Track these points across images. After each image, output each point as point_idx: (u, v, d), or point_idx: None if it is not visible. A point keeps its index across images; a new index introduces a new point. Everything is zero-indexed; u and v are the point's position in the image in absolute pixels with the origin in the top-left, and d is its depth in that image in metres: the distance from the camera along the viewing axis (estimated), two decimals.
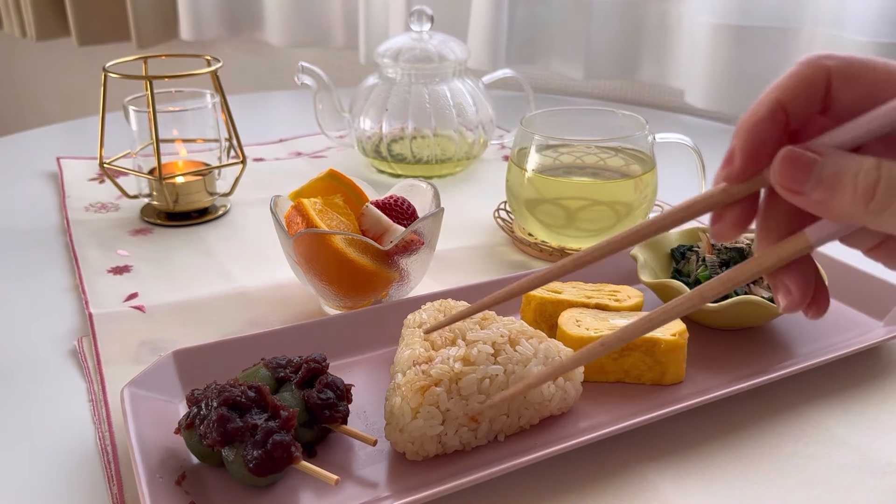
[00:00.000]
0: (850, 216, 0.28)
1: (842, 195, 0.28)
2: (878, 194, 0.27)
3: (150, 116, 0.73)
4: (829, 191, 0.28)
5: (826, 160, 0.29)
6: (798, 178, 0.29)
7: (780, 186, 0.29)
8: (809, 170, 0.29)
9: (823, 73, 0.30)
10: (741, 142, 0.31)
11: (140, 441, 0.43)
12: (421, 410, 0.43)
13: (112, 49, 1.61)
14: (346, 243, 0.54)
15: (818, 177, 0.28)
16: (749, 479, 0.44)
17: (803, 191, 0.29)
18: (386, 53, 0.88)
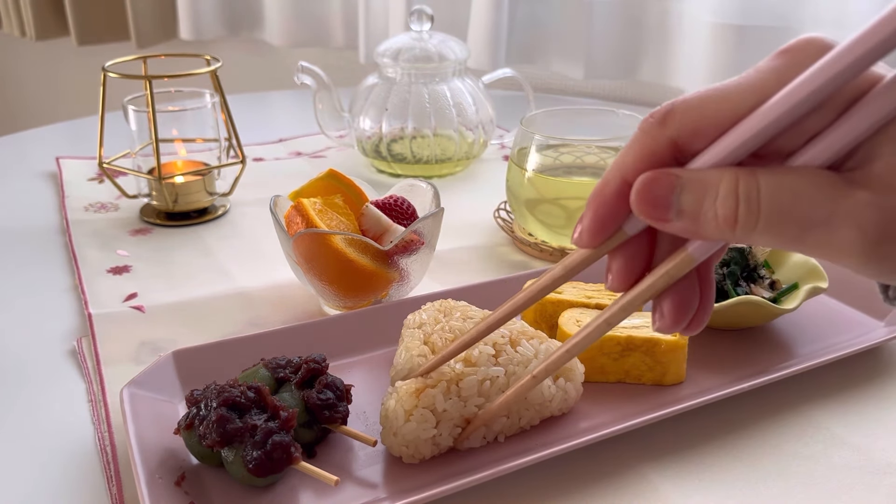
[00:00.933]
0: (720, 237, 0.27)
1: (705, 222, 0.27)
2: (741, 218, 0.26)
3: (150, 116, 0.73)
4: (692, 219, 0.27)
5: (683, 188, 0.28)
6: (659, 210, 0.28)
7: (642, 216, 0.29)
8: (668, 200, 0.28)
9: (664, 142, 0.29)
10: (589, 218, 0.31)
11: (139, 441, 0.43)
12: (414, 413, 0.43)
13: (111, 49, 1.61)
14: (346, 243, 0.54)
15: (678, 207, 0.28)
16: (749, 479, 0.44)
17: (668, 220, 0.28)
18: (386, 53, 0.88)
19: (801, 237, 0.26)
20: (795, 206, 0.26)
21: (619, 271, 0.32)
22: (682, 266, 0.30)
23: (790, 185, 0.26)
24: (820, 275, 0.57)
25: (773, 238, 0.26)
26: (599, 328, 0.34)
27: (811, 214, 0.25)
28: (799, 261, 0.59)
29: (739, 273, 0.57)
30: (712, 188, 0.27)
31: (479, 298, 0.56)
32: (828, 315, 0.59)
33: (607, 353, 0.50)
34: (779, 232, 0.26)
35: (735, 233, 0.27)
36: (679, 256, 0.30)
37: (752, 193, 0.26)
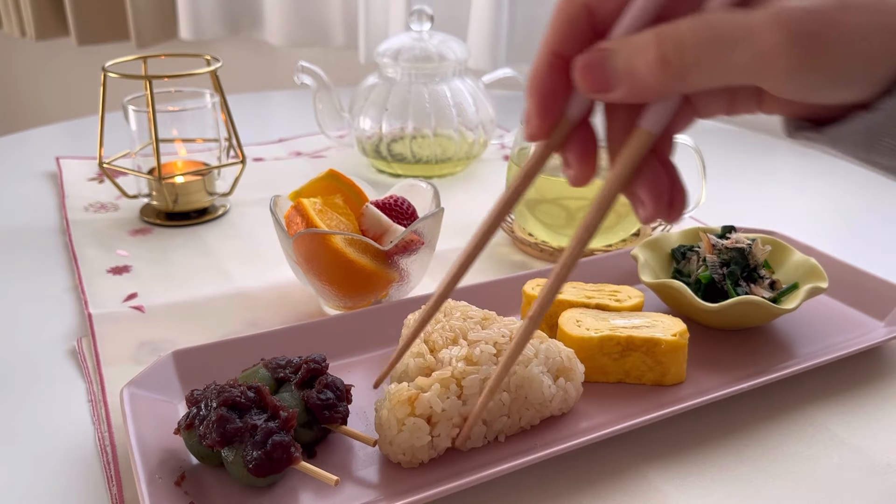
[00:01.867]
0: (661, 89, 0.29)
1: (641, 75, 0.29)
2: (672, 58, 0.28)
3: (150, 116, 0.73)
4: (630, 78, 0.29)
5: (613, 52, 0.29)
6: (599, 80, 0.30)
7: (590, 93, 0.30)
8: (604, 68, 0.30)
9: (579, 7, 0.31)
10: (531, 103, 0.32)
11: (139, 441, 0.43)
12: (407, 422, 0.42)
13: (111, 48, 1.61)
14: (346, 243, 0.54)
15: (615, 71, 0.29)
16: (750, 479, 0.44)
17: (610, 88, 0.30)
18: (386, 53, 0.88)
19: (729, 59, 0.27)
20: (716, 31, 0.27)
21: (575, 161, 0.33)
22: (641, 143, 0.31)
23: (707, 19, 0.28)
24: (820, 275, 0.57)
25: (704, 70, 0.28)
26: (580, 238, 0.34)
27: (731, 33, 0.27)
28: (799, 261, 0.59)
29: (739, 273, 0.57)
30: (639, 43, 0.29)
31: (479, 298, 0.56)
32: (828, 315, 0.59)
33: (607, 353, 0.50)
34: (708, 61, 0.28)
35: (671, 78, 0.28)
36: (635, 136, 0.31)
37: (676, 34, 0.28)
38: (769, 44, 0.27)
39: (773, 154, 1.01)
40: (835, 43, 0.27)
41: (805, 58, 0.27)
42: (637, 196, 0.32)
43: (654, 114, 0.31)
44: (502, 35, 1.16)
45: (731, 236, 0.60)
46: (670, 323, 0.51)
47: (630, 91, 0.29)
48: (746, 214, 0.80)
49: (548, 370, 0.47)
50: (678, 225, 0.75)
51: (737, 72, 0.28)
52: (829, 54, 0.27)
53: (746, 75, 0.28)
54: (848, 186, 0.91)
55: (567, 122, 0.32)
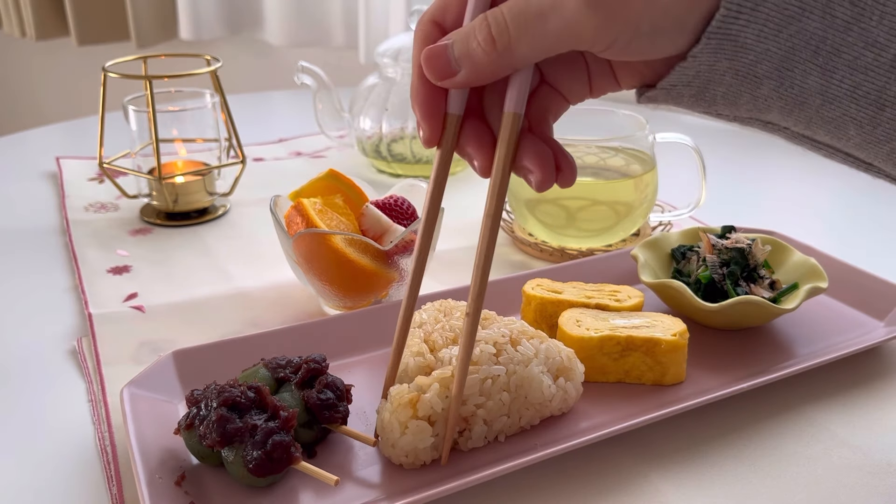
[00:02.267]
0: (497, 67, 0.33)
1: (478, 58, 0.33)
2: (496, 35, 0.32)
3: (150, 116, 0.73)
4: (468, 60, 0.33)
5: (452, 39, 0.34)
6: (443, 65, 0.34)
7: (436, 80, 0.34)
8: (445, 53, 0.34)
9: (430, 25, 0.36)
10: (417, 113, 0.37)
11: (140, 441, 0.43)
12: (410, 425, 0.42)
13: (111, 49, 1.61)
14: (346, 243, 0.54)
15: (455, 57, 0.34)
16: (750, 479, 0.44)
17: (454, 72, 0.34)
18: (386, 53, 0.88)
19: (545, 29, 0.31)
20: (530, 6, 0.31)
21: (476, 153, 0.37)
22: (511, 124, 0.36)
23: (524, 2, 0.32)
24: (820, 275, 0.57)
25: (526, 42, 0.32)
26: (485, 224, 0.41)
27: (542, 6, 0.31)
28: (799, 261, 0.59)
29: (739, 273, 0.57)
30: (471, 28, 0.33)
31: None
32: (828, 315, 0.59)
33: (607, 353, 0.50)
34: (528, 34, 0.31)
35: (501, 55, 0.32)
36: (504, 119, 0.36)
37: (498, 15, 0.32)
38: (572, 9, 0.30)
39: (773, 154, 1.01)
40: None
41: (603, 16, 0.30)
42: (523, 168, 0.37)
43: (512, 95, 0.35)
44: None
45: (731, 236, 0.60)
46: (670, 323, 0.51)
47: (471, 72, 0.34)
48: (746, 214, 0.80)
49: (548, 370, 0.47)
50: (678, 225, 0.75)
51: (554, 39, 0.31)
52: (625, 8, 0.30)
53: (563, 42, 0.31)
54: (848, 186, 0.91)
55: (452, 120, 0.37)
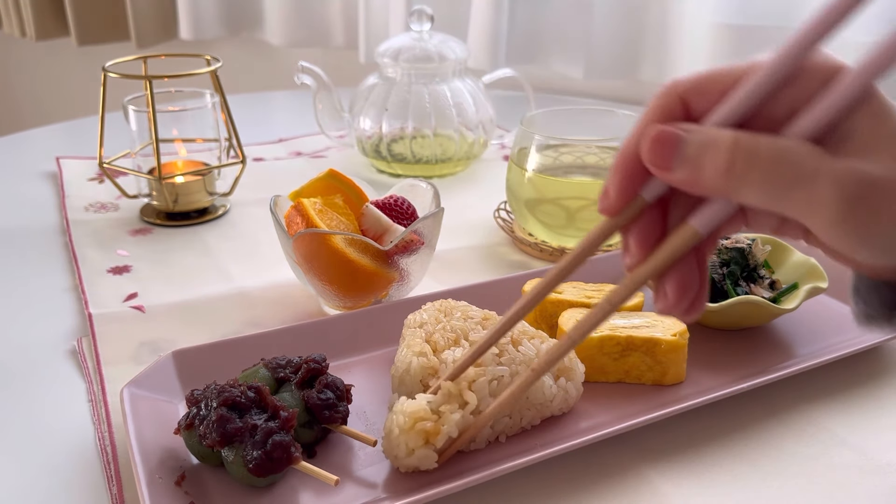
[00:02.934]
0: (715, 189, 0.30)
1: (704, 169, 0.30)
2: (737, 167, 0.29)
3: (150, 116, 0.73)
4: (692, 167, 0.30)
5: (690, 136, 0.30)
6: (666, 155, 0.31)
7: (650, 164, 0.31)
8: (675, 147, 0.31)
9: (675, 98, 0.32)
10: (614, 178, 0.33)
11: (140, 441, 0.43)
12: (417, 452, 0.42)
13: (111, 49, 1.61)
14: (346, 243, 0.54)
15: (683, 154, 0.30)
16: (750, 479, 0.44)
17: (671, 167, 0.31)
18: (386, 53, 0.88)
19: (787, 193, 0.29)
20: (786, 162, 0.28)
21: (635, 246, 0.34)
22: (686, 239, 0.32)
23: (784, 145, 0.29)
24: (820, 275, 0.57)
25: (762, 191, 0.29)
26: (602, 308, 0.35)
27: (799, 171, 0.28)
28: (799, 261, 0.59)
29: (739, 273, 0.57)
30: (714, 139, 0.30)
31: (479, 298, 0.56)
32: (828, 315, 0.59)
33: (607, 353, 0.50)
34: (769, 184, 0.29)
35: (730, 182, 0.29)
36: (683, 230, 0.32)
37: (751, 146, 0.29)
38: (824, 195, 0.28)
39: None
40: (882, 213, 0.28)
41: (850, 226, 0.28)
42: (663, 288, 0.33)
43: (706, 215, 0.32)
44: (502, 35, 1.16)
45: (731, 236, 0.59)
46: (670, 323, 0.51)
47: (687, 179, 0.30)
48: None
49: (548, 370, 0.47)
50: None
51: (789, 205, 0.29)
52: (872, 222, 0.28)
53: (796, 211, 0.29)
54: None
55: (639, 202, 0.33)
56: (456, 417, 0.42)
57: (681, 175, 0.31)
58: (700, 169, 0.30)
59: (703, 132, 0.30)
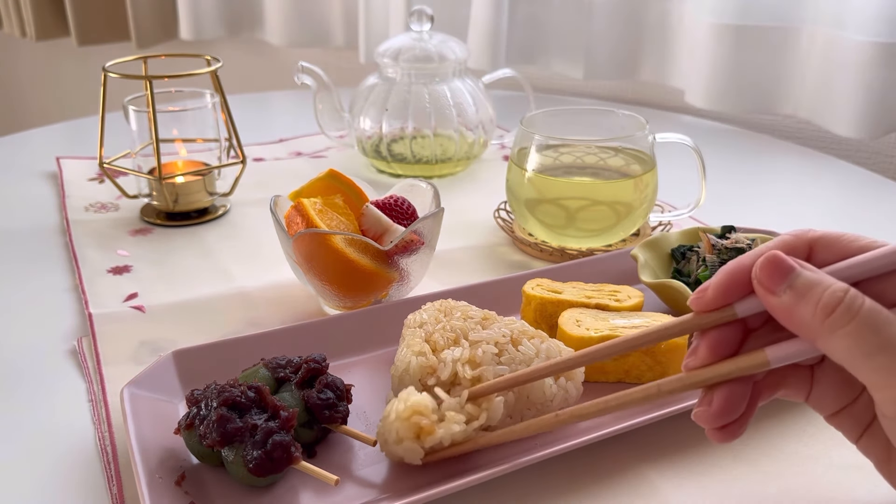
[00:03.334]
0: (808, 327, 0.32)
1: (806, 304, 0.32)
2: (837, 312, 0.31)
3: (150, 116, 0.73)
4: (797, 297, 0.32)
5: (803, 272, 0.33)
6: (775, 278, 0.33)
7: (758, 282, 0.33)
8: (787, 275, 0.33)
9: (804, 242, 0.35)
10: (717, 280, 0.35)
11: (140, 441, 0.43)
12: (405, 443, 0.41)
13: (112, 49, 1.61)
14: (346, 243, 0.54)
15: (791, 283, 0.32)
16: (750, 478, 0.44)
17: (776, 291, 0.33)
18: (386, 53, 0.88)
19: (873, 354, 0.31)
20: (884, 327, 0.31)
21: (704, 351, 0.36)
22: (754, 364, 0.34)
23: (886, 313, 0.31)
24: None
25: (851, 343, 0.31)
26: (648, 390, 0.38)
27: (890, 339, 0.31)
28: None
29: None
30: (827, 281, 0.32)
31: (479, 298, 0.56)
32: None
33: None
34: (861, 340, 0.31)
35: (824, 324, 0.31)
36: (755, 354, 0.34)
37: (857, 301, 0.31)
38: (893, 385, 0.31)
39: (773, 154, 1.01)
40: None
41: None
42: (710, 395, 0.35)
43: (783, 350, 0.34)
44: (502, 35, 1.16)
45: (731, 236, 0.60)
46: None
47: (786, 307, 0.32)
48: (746, 214, 0.80)
49: None
50: (678, 225, 0.75)
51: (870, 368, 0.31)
52: None
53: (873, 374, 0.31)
54: (847, 186, 0.91)
55: (727, 315, 0.35)
56: (456, 429, 0.41)
57: (782, 301, 0.32)
58: (803, 302, 0.32)
59: (819, 273, 0.33)
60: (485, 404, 0.43)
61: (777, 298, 0.33)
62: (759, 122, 1.14)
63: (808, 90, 0.98)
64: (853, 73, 0.91)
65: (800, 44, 0.98)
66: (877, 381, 0.31)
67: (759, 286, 0.33)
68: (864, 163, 1.07)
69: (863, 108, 0.91)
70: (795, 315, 0.32)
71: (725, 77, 1.01)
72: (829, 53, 0.94)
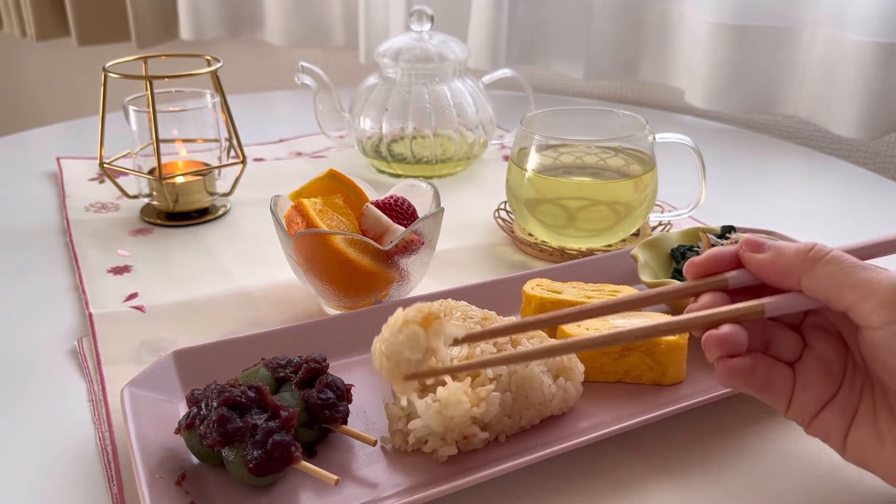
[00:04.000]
0: (793, 268, 0.37)
1: (787, 251, 0.38)
2: (815, 248, 0.37)
3: (150, 116, 0.73)
4: (777, 250, 0.38)
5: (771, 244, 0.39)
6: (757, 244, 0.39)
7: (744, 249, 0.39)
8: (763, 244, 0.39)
9: None
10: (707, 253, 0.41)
11: (140, 441, 0.43)
12: (410, 327, 0.38)
13: (112, 49, 1.61)
14: (346, 243, 0.54)
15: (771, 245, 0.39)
16: (749, 479, 0.44)
17: (761, 249, 0.39)
18: (386, 53, 0.88)
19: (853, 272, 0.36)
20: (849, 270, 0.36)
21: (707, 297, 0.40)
22: (752, 311, 0.38)
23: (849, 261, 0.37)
24: None
25: (834, 268, 0.36)
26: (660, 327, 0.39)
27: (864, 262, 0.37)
28: None
29: None
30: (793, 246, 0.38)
31: (479, 298, 0.56)
32: None
33: (607, 352, 0.50)
34: (841, 264, 0.36)
35: (807, 259, 0.37)
36: (753, 304, 0.38)
37: (824, 248, 0.37)
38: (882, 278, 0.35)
39: (773, 154, 1.01)
40: None
41: None
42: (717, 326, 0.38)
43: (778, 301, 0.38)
44: (502, 35, 1.16)
45: (731, 236, 0.59)
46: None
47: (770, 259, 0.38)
48: (746, 214, 0.80)
49: (548, 370, 0.47)
50: (678, 225, 0.75)
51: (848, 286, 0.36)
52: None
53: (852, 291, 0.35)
54: (847, 186, 0.91)
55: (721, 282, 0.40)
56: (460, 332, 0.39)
57: (766, 256, 0.38)
58: (784, 252, 0.38)
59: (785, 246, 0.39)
60: (483, 392, 0.43)
61: (762, 255, 0.38)
62: (759, 121, 1.14)
63: (807, 90, 0.98)
64: (853, 73, 0.91)
65: (800, 44, 0.98)
66: (859, 296, 0.35)
67: (745, 252, 0.39)
68: (864, 163, 1.07)
69: (863, 108, 0.91)
70: (780, 262, 0.38)
71: (725, 77, 1.01)
72: (829, 53, 0.94)
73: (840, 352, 0.39)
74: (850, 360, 0.39)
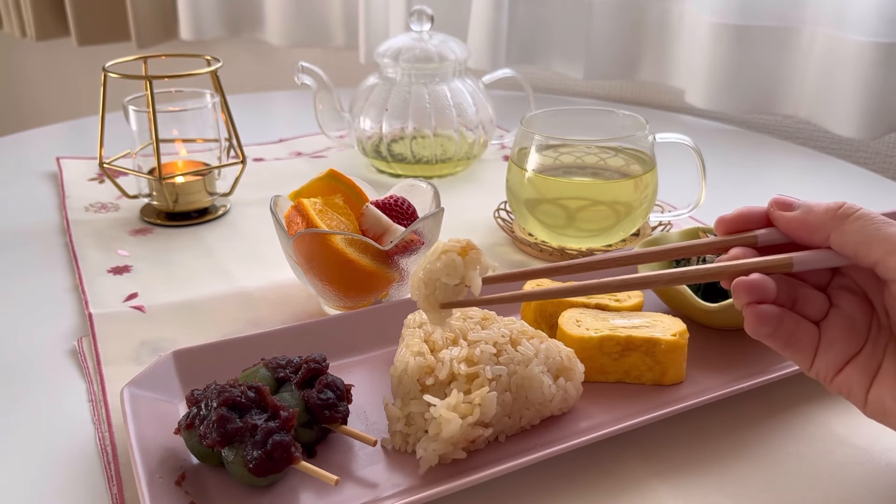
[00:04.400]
0: (822, 224, 0.38)
1: (817, 208, 0.39)
2: (845, 206, 0.38)
3: (150, 116, 0.73)
4: (807, 208, 0.39)
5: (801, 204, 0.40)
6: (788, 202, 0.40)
7: (774, 207, 0.40)
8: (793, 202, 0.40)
9: None
10: (741, 209, 0.41)
11: (140, 441, 0.43)
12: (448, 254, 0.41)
13: (112, 49, 1.61)
14: (346, 243, 0.54)
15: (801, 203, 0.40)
16: (750, 478, 0.44)
17: (792, 207, 0.40)
18: (386, 53, 0.88)
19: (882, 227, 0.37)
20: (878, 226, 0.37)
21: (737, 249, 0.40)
22: (780, 264, 0.39)
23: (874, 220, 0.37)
24: None
25: (864, 223, 0.37)
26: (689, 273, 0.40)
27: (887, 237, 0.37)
28: None
29: None
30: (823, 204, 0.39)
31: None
32: None
33: (607, 352, 0.50)
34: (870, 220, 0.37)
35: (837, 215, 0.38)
36: (781, 256, 0.39)
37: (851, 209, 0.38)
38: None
39: (772, 154, 1.01)
40: None
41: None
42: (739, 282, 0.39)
43: (806, 256, 0.39)
44: (502, 35, 1.16)
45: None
46: (670, 323, 0.51)
47: (800, 216, 0.39)
48: None
49: (548, 370, 0.47)
50: (678, 225, 0.75)
51: (878, 239, 0.36)
52: None
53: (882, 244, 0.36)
54: (848, 186, 0.91)
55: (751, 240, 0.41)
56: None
57: (796, 214, 0.39)
58: (813, 209, 0.39)
59: None
60: (478, 399, 0.43)
61: (792, 213, 0.39)
62: (759, 121, 1.14)
63: (807, 90, 0.98)
64: (853, 73, 0.91)
65: (800, 44, 0.98)
66: (888, 249, 0.36)
67: (774, 210, 0.40)
68: (864, 163, 1.07)
69: (863, 108, 0.91)
70: (809, 219, 0.39)
71: (725, 77, 1.01)
72: (829, 53, 0.94)
73: (865, 311, 0.39)
74: (874, 319, 0.39)
